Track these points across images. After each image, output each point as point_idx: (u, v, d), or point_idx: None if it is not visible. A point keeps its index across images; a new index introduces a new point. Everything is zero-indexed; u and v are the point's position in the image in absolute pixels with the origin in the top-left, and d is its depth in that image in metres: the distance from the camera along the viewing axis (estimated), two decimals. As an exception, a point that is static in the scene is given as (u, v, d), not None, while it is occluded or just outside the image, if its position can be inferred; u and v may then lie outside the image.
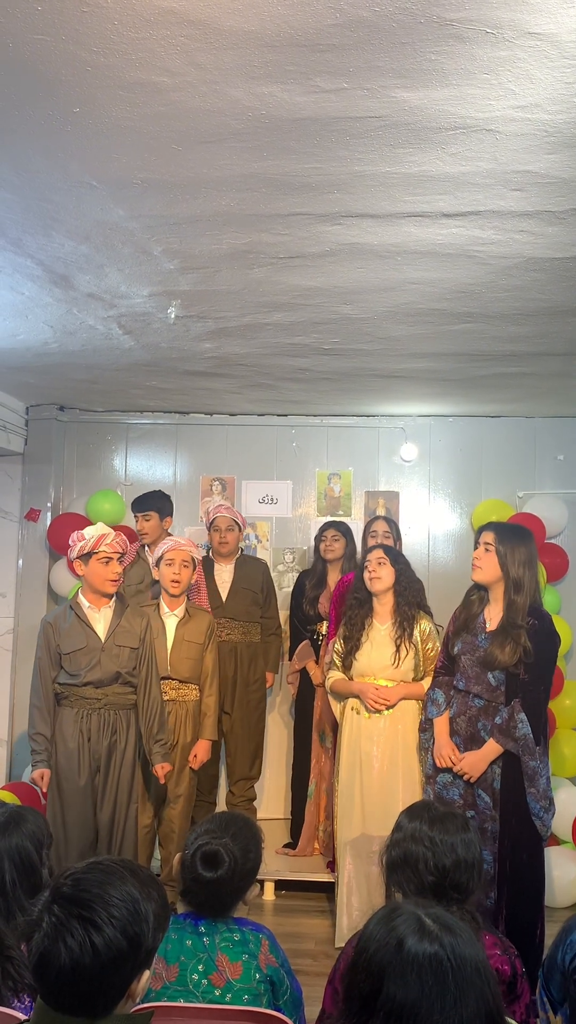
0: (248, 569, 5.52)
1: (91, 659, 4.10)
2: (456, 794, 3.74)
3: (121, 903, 1.51)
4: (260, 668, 5.50)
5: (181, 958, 2.30)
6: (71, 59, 2.04)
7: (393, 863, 2.35)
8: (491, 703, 3.70)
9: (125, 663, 4.13)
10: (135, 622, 4.23)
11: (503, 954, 2.29)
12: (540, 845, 3.69)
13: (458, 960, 1.39)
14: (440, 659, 4.01)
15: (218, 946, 2.32)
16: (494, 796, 3.67)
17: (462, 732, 3.77)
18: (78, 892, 1.52)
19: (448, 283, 3.47)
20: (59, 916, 1.49)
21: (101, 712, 4.11)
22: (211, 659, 4.65)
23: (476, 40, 1.94)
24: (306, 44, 1.96)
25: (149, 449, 6.26)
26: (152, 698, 4.21)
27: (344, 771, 4.30)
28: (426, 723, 3.96)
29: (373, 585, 4.28)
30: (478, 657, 3.74)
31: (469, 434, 6.12)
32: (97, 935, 1.47)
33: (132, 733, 4.18)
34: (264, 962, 2.34)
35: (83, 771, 4.06)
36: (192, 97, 2.18)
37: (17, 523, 6.08)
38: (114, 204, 2.81)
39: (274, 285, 3.53)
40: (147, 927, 1.53)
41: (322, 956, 4.23)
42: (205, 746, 4.60)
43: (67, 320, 4.01)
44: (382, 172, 2.57)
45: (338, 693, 4.41)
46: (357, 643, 4.30)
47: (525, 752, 3.61)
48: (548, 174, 2.56)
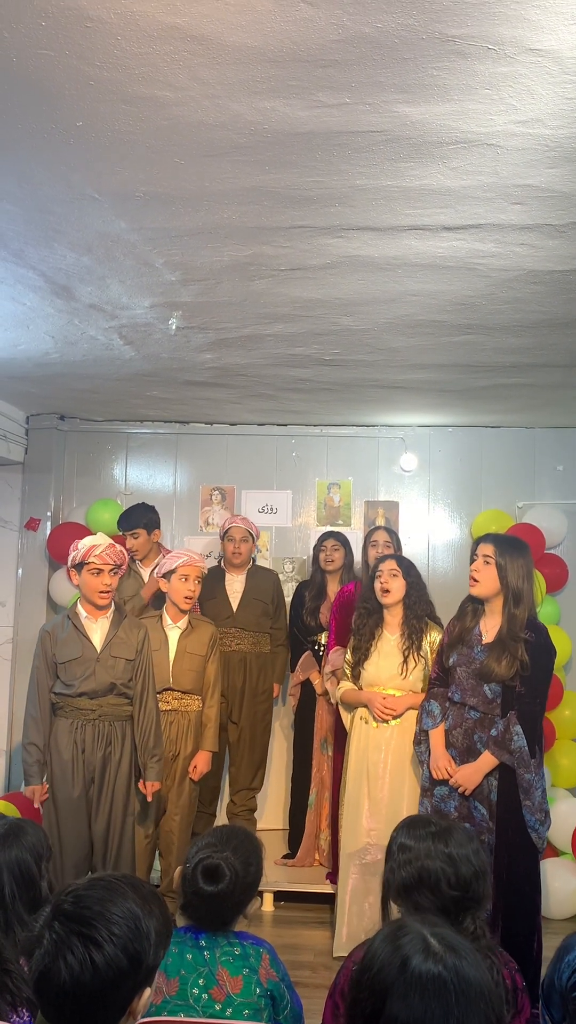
0: (259, 580, 5.51)
1: (86, 669, 4.08)
2: (452, 807, 3.74)
3: (122, 920, 1.50)
4: (269, 679, 5.49)
5: (181, 972, 2.29)
6: (74, 73, 2.05)
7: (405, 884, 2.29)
8: (487, 715, 3.70)
9: (120, 674, 4.11)
10: (132, 633, 4.21)
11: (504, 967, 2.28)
12: (536, 857, 3.68)
13: (462, 982, 1.38)
14: (435, 671, 4.00)
15: (218, 960, 2.31)
16: (490, 808, 3.66)
17: (458, 744, 3.76)
18: (79, 909, 1.51)
19: (448, 295, 3.48)
20: (60, 933, 1.48)
21: (96, 723, 4.09)
22: (213, 670, 4.64)
23: (478, 56, 1.95)
24: (308, 59, 1.97)
25: (149, 459, 6.27)
26: (148, 711, 4.18)
27: (351, 781, 4.30)
28: (421, 735, 3.95)
29: (383, 597, 4.27)
30: (474, 669, 3.74)
31: (469, 444, 6.13)
32: (97, 953, 1.46)
33: (127, 745, 4.15)
34: (265, 976, 2.33)
35: (77, 782, 4.04)
36: (195, 111, 2.19)
37: (17, 532, 6.08)
38: (116, 216, 2.81)
39: (275, 297, 3.54)
40: (148, 944, 1.52)
41: (321, 968, 4.22)
42: (205, 757, 4.58)
43: (68, 331, 4.02)
44: (383, 186, 2.57)
45: (347, 703, 4.42)
46: (366, 653, 4.29)
47: (520, 765, 3.61)
48: (549, 188, 2.57)
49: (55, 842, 4.02)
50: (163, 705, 4.43)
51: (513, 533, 5.67)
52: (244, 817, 5.41)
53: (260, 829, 5.63)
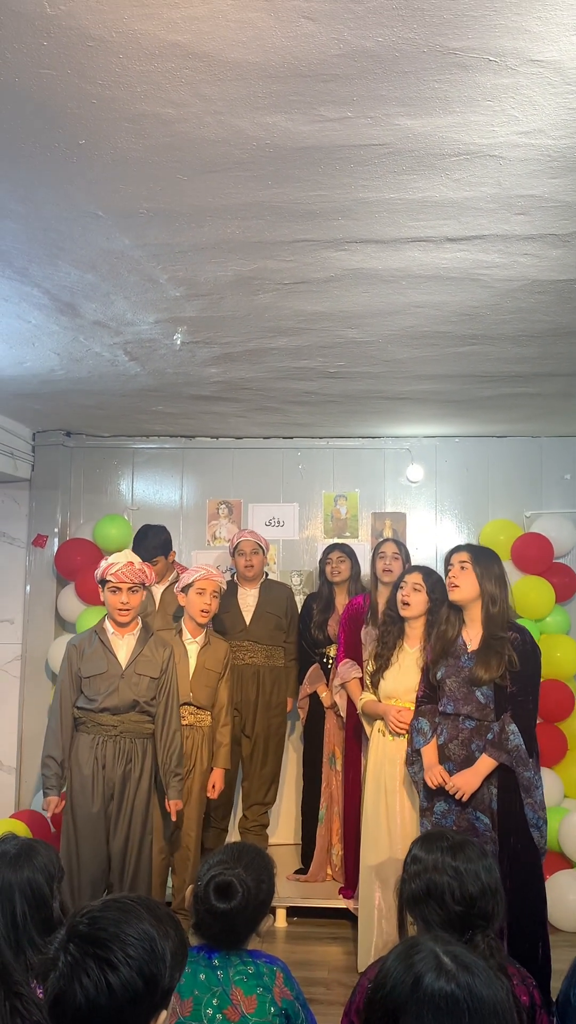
0: (273, 593, 5.50)
1: (110, 685, 4.09)
2: (452, 821, 3.70)
3: (138, 942, 1.49)
4: (282, 692, 5.46)
5: (195, 992, 2.27)
6: (77, 92, 2.05)
7: (415, 896, 2.31)
8: (482, 722, 3.70)
9: (144, 692, 4.12)
10: (158, 652, 4.21)
11: (522, 984, 2.26)
12: (539, 861, 3.67)
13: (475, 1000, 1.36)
14: (421, 688, 4.01)
15: (232, 979, 2.29)
16: (492, 817, 3.64)
17: (455, 756, 3.73)
18: (94, 931, 1.49)
19: (453, 306, 3.48)
20: (75, 955, 1.46)
21: (117, 740, 4.09)
22: (226, 690, 4.65)
23: (479, 68, 1.95)
24: (310, 74, 1.98)
25: (156, 473, 6.27)
26: (171, 730, 4.18)
27: (369, 794, 4.27)
28: (414, 755, 3.93)
29: (402, 610, 4.26)
30: (464, 677, 3.76)
31: (475, 454, 6.12)
32: (113, 975, 1.44)
33: (148, 763, 4.15)
34: (279, 995, 2.31)
35: (96, 798, 4.03)
36: (197, 128, 2.20)
37: (24, 549, 6.08)
38: (120, 233, 2.82)
39: (279, 310, 3.54)
40: (164, 966, 1.50)
41: (335, 984, 4.18)
42: (220, 775, 4.59)
43: (73, 347, 4.03)
44: (386, 198, 2.58)
45: (368, 714, 4.41)
46: (386, 663, 4.28)
47: (519, 763, 3.61)
48: (552, 198, 2.57)
49: (73, 858, 4.03)
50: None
51: (520, 543, 5.66)
52: (256, 832, 5.39)
53: (272, 844, 5.61)
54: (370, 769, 4.31)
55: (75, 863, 4.02)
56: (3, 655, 6.02)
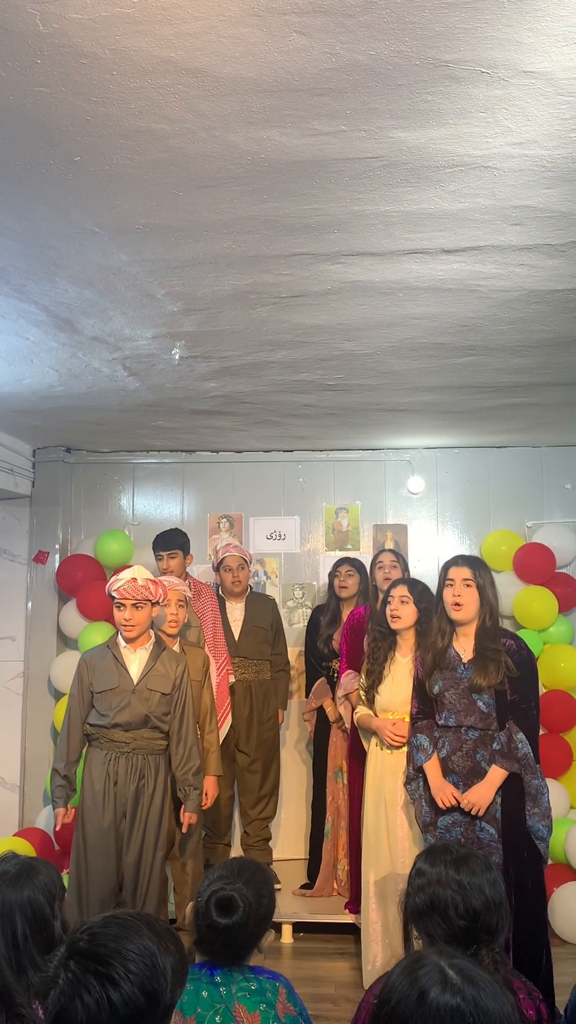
0: (259, 607, 5.50)
1: (121, 700, 4.07)
2: (458, 834, 3.67)
3: (138, 957, 1.48)
4: (273, 706, 5.46)
5: (198, 1010, 2.25)
6: (71, 109, 2.06)
7: (418, 910, 2.29)
8: (486, 731, 3.69)
9: (155, 707, 4.09)
10: (171, 667, 4.19)
11: (528, 998, 2.24)
12: (542, 870, 3.67)
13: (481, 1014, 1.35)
14: (415, 705, 3.98)
15: (235, 996, 2.27)
16: (497, 827, 3.63)
17: (460, 769, 3.71)
18: (94, 947, 1.48)
19: (450, 317, 3.48)
20: (75, 972, 1.45)
21: (129, 756, 4.07)
22: (208, 696, 4.61)
23: (471, 80, 1.96)
24: (303, 89, 1.98)
25: (156, 488, 6.27)
26: (188, 746, 4.16)
27: (370, 808, 4.25)
28: (414, 773, 3.89)
29: (393, 623, 4.25)
30: (464, 688, 3.74)
31: (476, 465, 6.12)
32: (114, 991, 1.43)
33: (161, 779, 4.12)
34: (282, 1011, 2.29)
35: (107, 814, 4.01)
36: (191, 143, 2.20)
37: (26, 566, 6.08)
38: (116, 249, 2.83)
39: (277, 324, 3.54)
40: (165, 982, 1.49)
41: (343, 1000, 4.15)
42: (213, 782, 4.53)
43: (72, 363, 4.04)
44: (382, 211, 2.58)
45: (363, 729, 4.39)
46: (379, 676, 4.27)
47: (527, 771, 3.61)
48: (547, 208, 2.57)
49: (82, 873, 4.01)
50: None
51: (522, 553, 5.65)
52: (259, 848, 5.36)
53: (278, 859, 5.58)
54: (369, 783, 4.29)
55: (84, 878, 4.00)
56: (5, 672, 6.01)
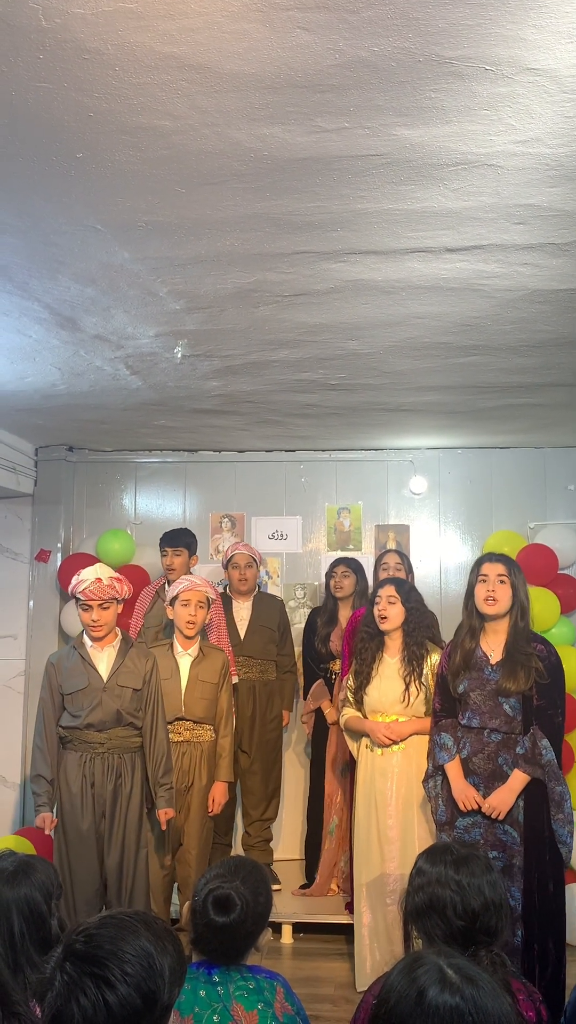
0: (266, 607, 5.49)
1: (92, 699, 4.04)
2: (478, 835, 3.66)
3: (135, 959, 1.47)
4: (277, 706, 5.44)
5: (196, 1009, 2.25)
6: (73, 105, 2.06)
7: (418, 909, 2.29)
8: (510, 735, 3.66)
9: (127, 704, 4.07)
10: (139, 663, 4.16)
11: (528, 999, 2.23)
12: (563, 874, 3.66)
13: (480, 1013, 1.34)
14: (437, 702, 3.93)
15: (232, 995, 2.27)
16: (519, 830, 3.61)
17: (481, 771, 3.68)
18: (90, 949, 1.47)
19: (453, 317, 3.47)
20: (71, 974, 1.44)
21: (105, 756, 4.05)
22: (226, 699, 4.58)
23: (475, 77, 1.95)
24: (306, 85, 1.97)
25: (158, 488, 6.27)
26: (158, 741, 4.14)
27: (360, 810, 4.24)
28: (434, 770, 3.86)
29: (381, 624, 4.24)
30: (490, 690, 3.70)
31: (478, 466, 6.11)
32: (111, 993, 1.43)
33: (138, 777, 4.11)
34: (280, 1010, 2.29)
35: (87, 816, 3.99)
36: (194, 140, 2.20)
37: (28, 564, 6.07)
38: (119, 247, 2.82)
39: (280, 323, 3.54)
40: (163, 982, 1.48)
41: (342, 1001, 4.14)
42: (222, 788, 4.52)
43: (74, 362, 4.03)
44: (385, 209, 2.57)
45: (352, 731, 4.36)
46: (367, 678, 4.25)
47: (551, 778, 3.58)
48: (551, 207, 2.56)
49: (66, 877, 3.98)
50: (175, 736, 4.38)
51: (525, 554, 5.64)
52: (260, 848, 5.35)
53: (277, 860, 5.57)
54: (359, 785, 4.27)
55: (68, 882, 3.97)
56: (7, 671, 6.00)
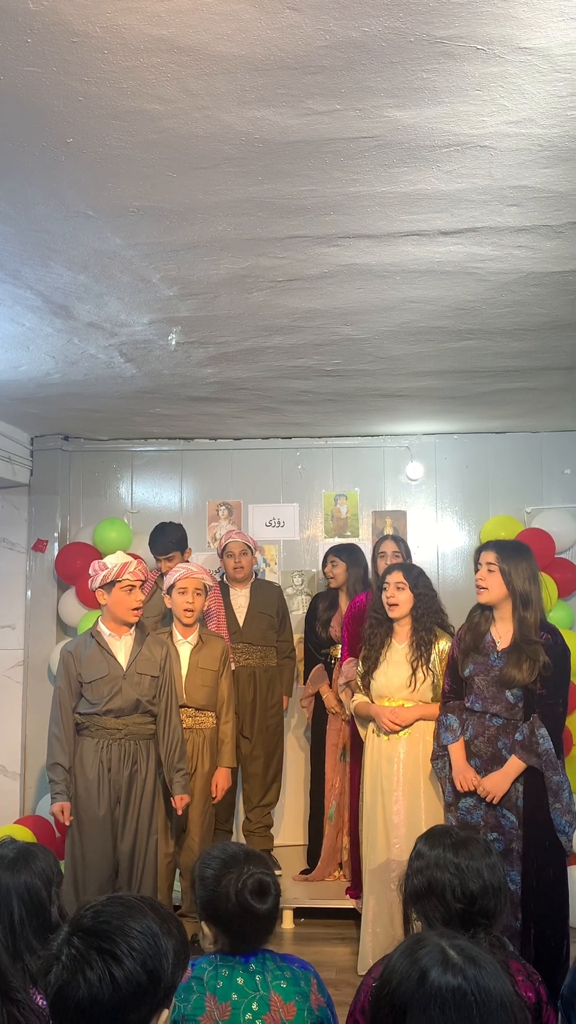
0: (264, 594, 5.49)
1: (113, 687, 4.08)
2: (479, 816, 3.70)
3: (141, 936, 1.49)
4: (278, 692, 5.45)
5: (233, 996, 2.23)
6: (63, 90, 2.04)
7: (416, 892, 2.30)
8: (510, 721, 3.69)
9: (146, 691, 4.12)
10: (156, 650, 4.22)
11: (527, 980, 2.24)
12: (565, 861, 3.68)
13: (483, 993, 1.35)
14: (447, 683, 3.97)
15: (270, 984, 2.26)
16: (518, 815, 3.64)
17: (482, 753, 3.72)
18: (98, 924, 1.49)
19: (448, 300, 3.46)
20: (79, 948, 1.46)
21: (121, 742, 4.08)
22: (226, 685, 4.61)
23: (467, 57, 1.94)
24: (297, 67, 1.96)
25: (155, 476, 6.26)
26: (172, 728, 4.19)
27: (367, 795, 4.26)
28: (440, 750, 3.90)
29: (390, 611, 4.24)
30: (493, 677, 3.72)
31: (475, 451, 6.10)
32: (117, 968, 1.44)
33: (152, 763, 4.15)
34: (315, 1002, 2.28)
35: (102, 802, 4.03)
36: (185, 123, 2.18)
37: (25, 554, 6.07)
38: (111, 233, 2.81)
39: (274, 308, 3.52)
40: (167, 962, 1.50)
41: (344, 985, 4.16)
42: (225, 774, 4.55)
43: (68, 350, 4.02)
44: (378, 192, 2.56)
45: (360, 716, 4.38)
46: (375, 663, 4.26)
47: (548, 767, 3.60)
48: (544, 188, 2.55)
49: (79, 862, 4.02)
50: None
51: (522, 538, 5.63)
52: (260, 834, 5.36)
53: (278, 845, 5.59)
54: (366, 769, 4.29)
55: (81, 867, 4.02)
56: (5, 661, 6.01)
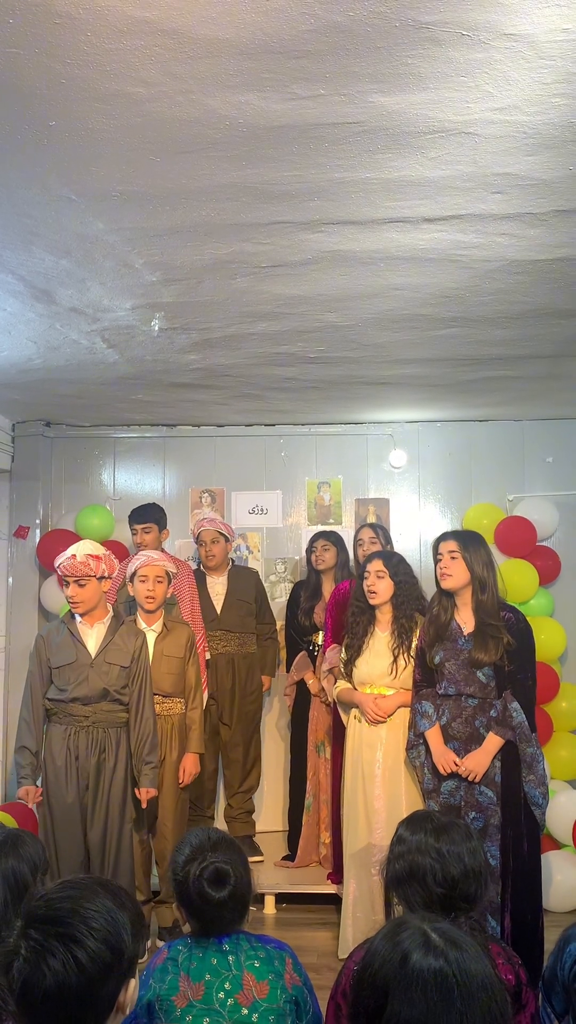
0: (241, 580, 5.48)
1: (79, 675, 4.07)
2: (459, 798, 3.77)
3: (98, 914, 1.51)
4: (257, 679, 5.46)
5: (207, 976, 2.26)
6: (45, 72, 2.02)
7: (398, 877, 2.32)
8: (485, 700, 3.80)
9: (114, 681, 4.09)
10: (128, 640, 4.19)
11: (507, 963, 2.27)
12: (539, 836, 3.80)
13: (464, 975, 1.36)
14: (417, 673, 4.04)
15: (244, 964, 2.28)
16: (496, 790, 3.74)
17: (460, 735, 3.81)
18: (52, 911, 1.51)
19: (432, 288, 3.46)
20: (37, 939, 1.47)
21: (89, 730, 4.07)
22: (193, 672, 4.59)
23: (451, 42, 1.93)
24: (281, 51, 1.95)
25: (137, 463, 6.24)
26: (144, 719, 4.16)
27: (348, 780, 4.29)
28: (416, 739, 3.97)
29: (370, 599, 4.26)
30: (464, 660, 3.83)
31: (458, 439, 6.12)
32: (80, 950, 1.46)
33: (123, 752, 4.13)
34: (289, 981, 2.31)
35: (70, 789, 4.02)
36: (168, 107, 2.17)
37: (6, 541, 6.04)
38: (94, 217, 2.79)
39: (257, 295, 3.51)
40: (126, 935, 1.53)
41: (325, 969, 4.19)
42: (193, 759, 4.52)
43: (50, 335, 3.99)
44: (362, 178, 2.55)
45: (343, 702, 4.41)
46: (358, 651, 4.30)
47: (522, 740, 3.73)
48: (528, 176, 2.55)
49: (51, 849, 4.02)
50: None
51: (504, 526, 5.67)
52: (242, 820, 5.38)
53: (260, 832, 5.61)
54: (348, 755, 4.32)
55: (53, 854, 4.01)
56: (-13, 648, 5.99)
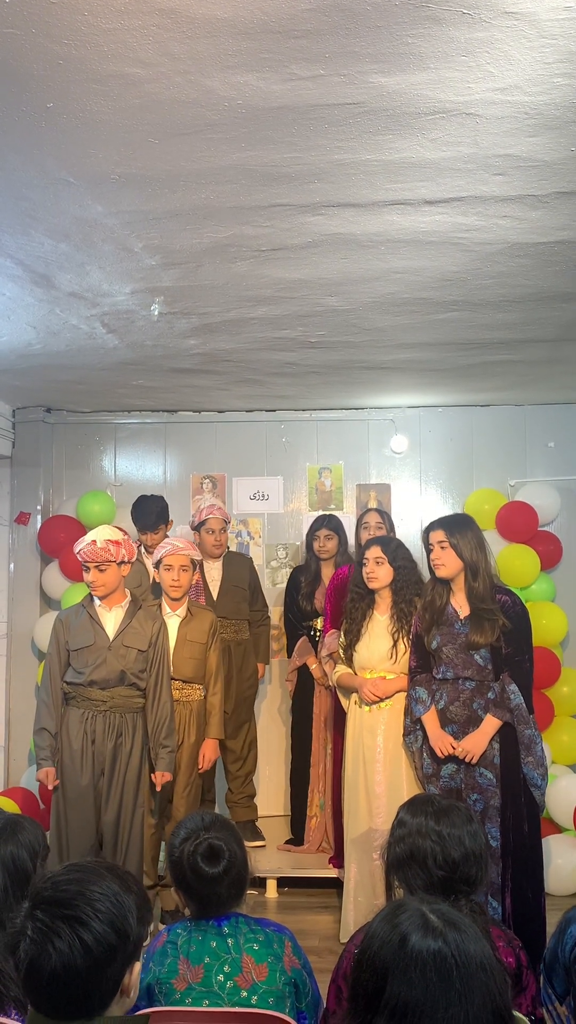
0: (236, 567, 5.48)
1: (97, 657, 4.09)
2: (460, 781, 3.79)
3: (104, 897, 1.51)
4: (252, 664, 5.47)
5: (206, 959, 2.27)
6: (42, 53, 2.00)
7: (399, 860, 2.32)
8: (483, 682, 3.81)
9: (131, 664, 4.11)
10: (147, 624, 4.21)
11: (507, 946, 2.28)
12: (539, 817, 3.81)
13: (463, 957, 1.36)
14: (413, 660, 4.05)
15: (243, 947, 2.29)
16: (496, 772, 3.76)
17: (458, 718, 3.82)
18: (58, 893, 1.51)
19: (433, 271, 3.44)
20: (43, 920, 1.48)
21: (107, 714, 4.09)
22: (215, 658, 4.62)
23: (452, 21, 1.91)
24: (280, 31, 1.93)
25: (138, 449, 6.23)
26: (162, 703, 4.18)
27: (349, 765, 4.31)
28: (412, 725, 3.99)
29: (370, 584, 4.27)
30: (461, 643, 3.84)
31: (459, 424, 6.10)
32: (86, 932, 1.46)
33: (139, 737, 4.15)
34: (288, 964, 2.32)
35: (86, 772, 4.04)
36: (167, 88, 2.15)
37: (7, 527, 6.04)
38: (92, 200, 2.77)
39: (258, 279, 3.50)
40: (132, 918, 1.53)
41: (327, 953, 4.21)
42: (212, 745, 4.56)
43: (50, 320, 3.98)
44: (362, 160, 2.54)
45: (342, 687, 4.42)
46: (357, 635, 4.31)
47: (520, 721, 3.74)
48: (530, 157, 2.53)
49: (63, 831, 4.05)
50: None
51: (505, 511, 5.66)
52: (244, 805, 5.40)
53: (262, 816, 5.62)
54: (348, 740, 4.34)
55: (64, 837, 4.04)
56: (-12, 634, 6.00)
